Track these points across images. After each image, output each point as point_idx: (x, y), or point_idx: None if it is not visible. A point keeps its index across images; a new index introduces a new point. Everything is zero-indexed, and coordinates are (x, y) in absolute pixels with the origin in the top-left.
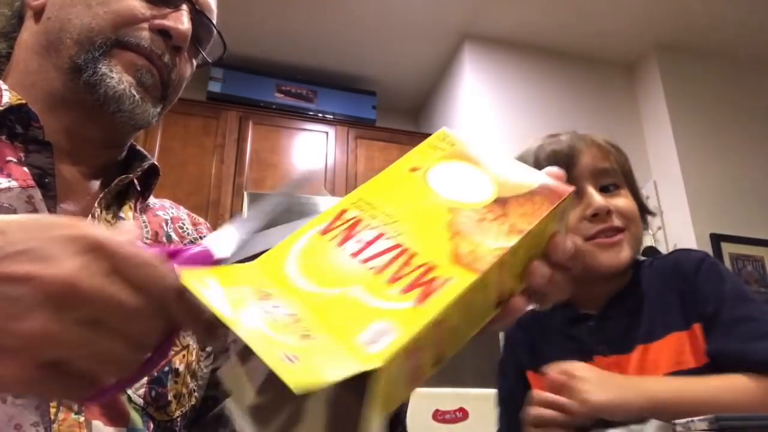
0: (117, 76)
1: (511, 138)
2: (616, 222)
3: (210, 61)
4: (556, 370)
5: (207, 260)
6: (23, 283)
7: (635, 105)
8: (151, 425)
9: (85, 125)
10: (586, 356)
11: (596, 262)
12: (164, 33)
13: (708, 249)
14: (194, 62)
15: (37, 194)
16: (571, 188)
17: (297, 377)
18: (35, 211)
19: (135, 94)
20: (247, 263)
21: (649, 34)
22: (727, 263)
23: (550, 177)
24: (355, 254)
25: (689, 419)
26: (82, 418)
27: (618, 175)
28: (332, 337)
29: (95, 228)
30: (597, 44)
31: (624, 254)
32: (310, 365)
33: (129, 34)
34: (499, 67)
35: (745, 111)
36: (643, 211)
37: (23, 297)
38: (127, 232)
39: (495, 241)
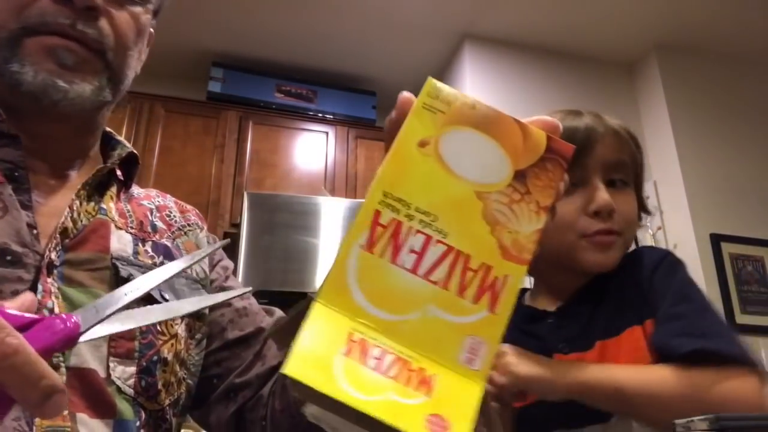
0: (31, 70)
1: None
2: (616, 225)
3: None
4: None
5: (72, 333)
6: None
7: (635, 105)
8: (143, 415)
9: (37, 123)
10: (546, 354)
11: (583, 258)
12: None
13: (708, 249)
14: (134, 9)
15: (7, 189)
16: (572, 146)
17: None
18: (5, 207)
19: (57, 80)
20: (311, 308)
21: (649, 34)
22: (727, 263)
23: (545, 128)
24: (414, 269)
25: (689, 419)
26: (65, 411)
27: (628, 170)
28: (439, 366)
29: None
30: (597, 44)
31: (613, 257)
32: (454, 425)
33: (30, 16)
34: (499, 67)
35: (745, 111)
36: (642, 210)
37: None
38: None
39: (528, 224)
